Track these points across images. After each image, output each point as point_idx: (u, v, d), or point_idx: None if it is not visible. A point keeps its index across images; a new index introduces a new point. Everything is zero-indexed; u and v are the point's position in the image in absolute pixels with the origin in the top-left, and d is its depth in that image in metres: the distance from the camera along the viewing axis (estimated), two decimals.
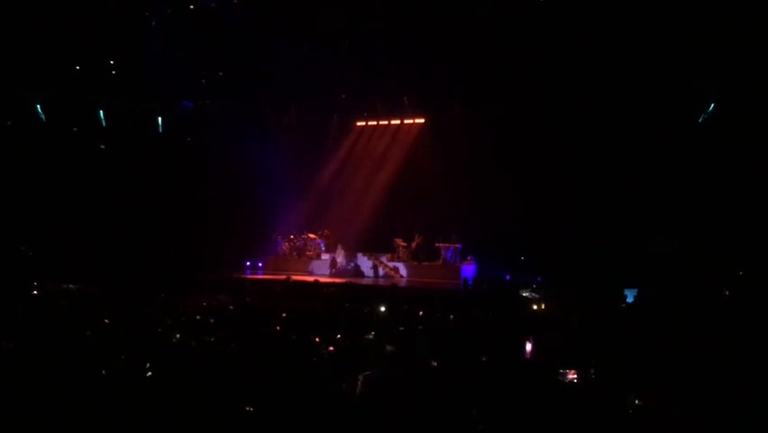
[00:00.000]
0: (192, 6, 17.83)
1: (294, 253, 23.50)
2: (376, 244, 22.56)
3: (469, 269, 19.98)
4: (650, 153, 17.65)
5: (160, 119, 23.33)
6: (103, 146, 24.10)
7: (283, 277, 19.66)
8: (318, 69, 20.25)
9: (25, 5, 17.08)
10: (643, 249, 17.41)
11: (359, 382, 5.50)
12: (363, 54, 18.78)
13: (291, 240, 23.55)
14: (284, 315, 10.43)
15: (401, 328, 8.82)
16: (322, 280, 19.22)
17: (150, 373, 5.78)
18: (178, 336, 7.94)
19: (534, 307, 13.33)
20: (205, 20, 18.02)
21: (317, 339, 7.63)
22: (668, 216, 17.49)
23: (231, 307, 11.88)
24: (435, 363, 6.45)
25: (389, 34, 17.19)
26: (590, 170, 18.41)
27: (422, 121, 23.80)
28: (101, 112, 22.78)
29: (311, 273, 21.72)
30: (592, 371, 5.69)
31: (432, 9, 16.23)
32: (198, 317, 9.92)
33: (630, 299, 14.39)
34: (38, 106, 22.05)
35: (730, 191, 16.56)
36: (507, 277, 19.17)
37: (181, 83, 21.53)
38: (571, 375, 5.61)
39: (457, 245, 20.97)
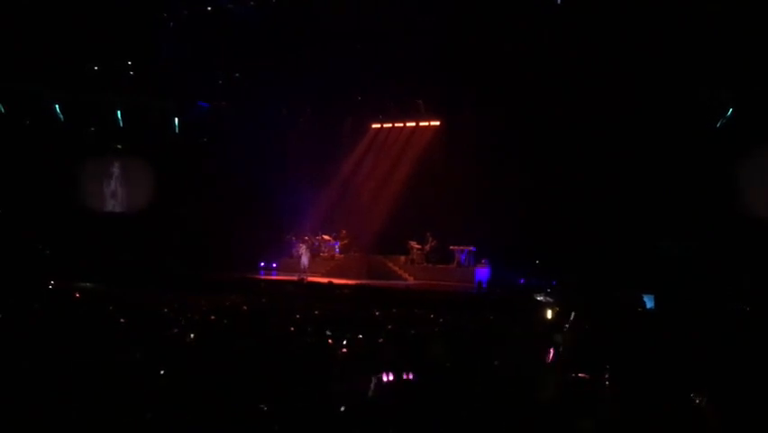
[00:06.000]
0: (209, 8, 17.93)
1: (308, 254, 23.52)
2: (390, 246, 22.56)
3: (483, 272, 19.92)
4: (663, 157, 17.57)
5: (176, 120, 23.46)
6: (120, 146, 24.31)
7: (296, 278, 19.71)
8: (334, 70, 20.27)
9: (44, 6, 17.24)
10: (658, 252, 17.33)
11: (372, 384, 5.50)
12: (379, 56, 18.80)
13: (305, 241, 23.57)
14: (297, 316, 10.44)
15: (412, 332, 8.80)
16: (336, 281, 19.25)
17: (163, 372, 5.81)
18: (192, 335, 7.96)
19: (549, 312, 13.26)
20: (222, 21, 18.12)
21: (330, 341, 7.64)
22: (682, 219, 17.39)
23: (245, 307, 11.90)
24: (449, 366, 6.44)
25: (405, 35, 17.21)
26: (606, 174, 18.31)
27: (437, 123, 23.78)
28: (118, 112, 22.95)
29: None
30: (606, 376, 5.65)
31: (446, 12, 16.23)
32: (213, 318, 9.94)
33: (650, 305, 14.32)
34: (56, 106, 22.25)
35: (741, 193, 16.45)
36: (522, 280, 19.11)
37: (197, 84, 21.65)
38: (583, 378, 5.57)
39: (471, 248, 20.93)
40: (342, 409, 5.08)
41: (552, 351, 6.61)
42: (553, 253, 18.51)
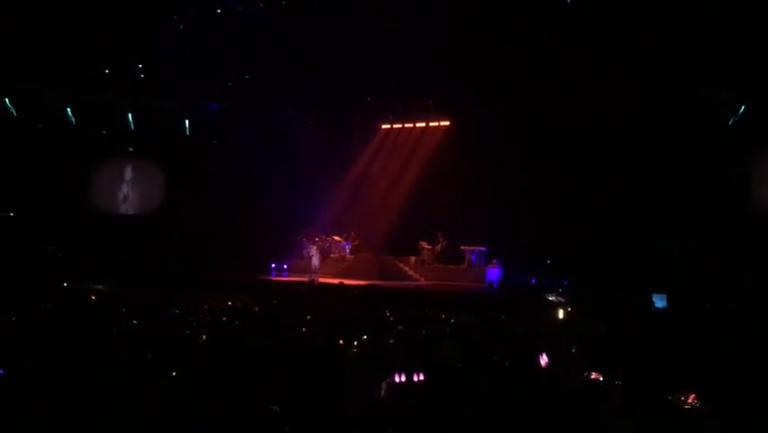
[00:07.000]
0: (219, 10, 18.00)
1: (319, 255, 23.52)
2: (400, 247, 22.55)
3: (494, 272, 19.87)
4: (670, 157, 17.56)
5: (186, 122, 23.55)
6: (131, 149, 24.44)
7: (307, 279, 19.74)
8: (343, 71, 20.29)
9: (55, 8, 17.34)
10: (658, 252, 17.30)
11: (383, 386, 5.50)
12: (387, 57, 18.82)
13: (316, 242, 23.59)
14: (308, 317, 10.46)
15: (423, 332, 8.80)
16: (347, 282, 19.26)
17: (175, 373, 5.83)
18: (204, 336, 7.99)
19: (561, 312, 13.23)
20: (232, 23, 18.18)
21: (342, 342, 7.64)
22: (682, 219, 17.35)
23: (256, 308, 11.93)
24: (460, 366, 6.43)
25: (414, 35, 17.21)
26: (606, 174, 18.26)
27: (447, 124, 23.77)
28: (129, 115, 23.07)
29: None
30: (617, 376, 5.63)
31: (453, 12, 16.23)
32: (224, 319, 9.97)
33: (659, 305, 14.26)
34: (68, 110, 22.39)
35: (741, 193, 16.42)
36: (533, 280, 19.06)
37: (208, 86, 21.73)
38: (596, 377, 5.56)
39: (482, 248, 20.89)
40: (350, 409, 5.10)
41: (544, 356, 6.57)
42: (565, 253, 18.46)
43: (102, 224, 22.84)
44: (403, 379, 5.64)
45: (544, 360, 6.48)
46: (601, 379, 5.52)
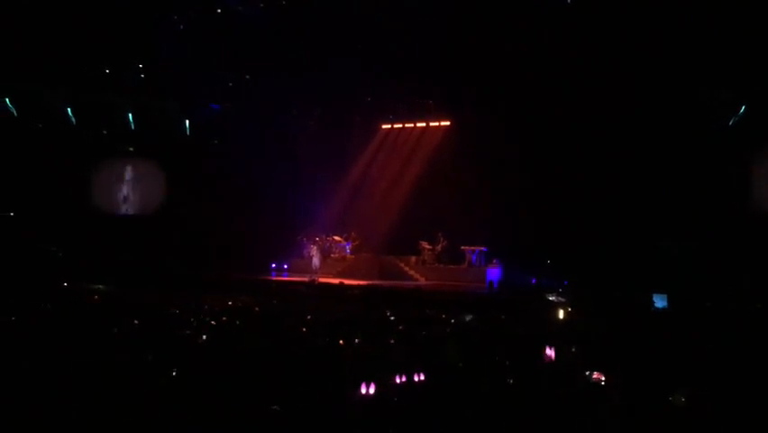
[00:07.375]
0: (219, 10, 17.99)
1: (320, 255, 23.51)
2: (401, 247, 22.54)
3: (494, 272, 19.86)
4: (670, 157, 17.57)
5: (186, 122, 23.54)
6: (131, 149, 24.43)
7: (308, 279, 19.73)
8: (343, 71, 20.28)
9: (55, 8, 17.34)
10: (658, 252, 17.31)
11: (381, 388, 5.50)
12: (388, 57, 18.81)
13: (317, 242, 23.57)
14: (309, 317, 10.47)
15: (424, 332, 8.80)
16: (347, 282, 19.25)
17: (175, 373, 5.84)
18: (204, 337, 8.00)
19: (561, 312, 13.22)
20: (232, 23, 18.18)
21: (342, 342, 7.65)
22: (682, 219, 17.36)
23: (256, 308, 11.93)
24: (461, 365, 6.44)
25: (415, 35, 17.21)
26: (617, 175, 18.26)
27: (447, 123, 23.77)
28: (129, 115, 23.06)
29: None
30: (617, 376, 5.63)
31: (455, 12, 16.23)
32: (224, 319, 9.97)
33: (659, 305, 14.26)
34: (68, 110, 22.39)
35: (741, 193, 16.44)
36: (533, 280, 19.06)
37: (208, 86, 21.73)
38: (598, 376, 5.56)
39: (482, 248, 20.89)
40: (350, 409, 5.10)
41: (549, 350, 6.58)
42: (565, 253, 18.45)
43: (102, 224, 22.83)
44: (403, 379, 5.65)
45: (548, 353, 6.49)
46: (603, 379, 5.53)
